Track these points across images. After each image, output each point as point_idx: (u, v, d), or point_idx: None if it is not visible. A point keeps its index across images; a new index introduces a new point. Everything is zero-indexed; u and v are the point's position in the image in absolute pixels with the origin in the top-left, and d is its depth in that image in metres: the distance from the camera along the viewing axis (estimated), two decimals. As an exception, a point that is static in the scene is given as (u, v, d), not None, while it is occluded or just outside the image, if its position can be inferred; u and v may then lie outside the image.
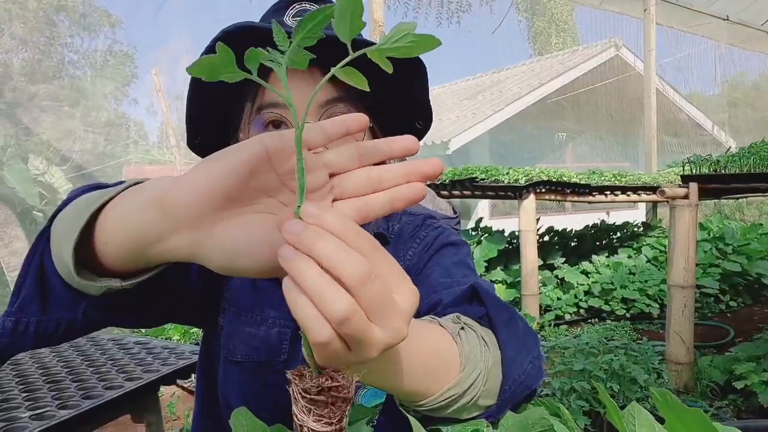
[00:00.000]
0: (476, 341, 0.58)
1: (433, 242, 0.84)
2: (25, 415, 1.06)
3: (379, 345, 0.38)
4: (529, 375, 0.60)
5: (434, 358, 0.52)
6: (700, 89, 12.68)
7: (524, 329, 0.64)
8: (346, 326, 0.36)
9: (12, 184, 8.89)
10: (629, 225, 7.09)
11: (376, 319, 0.37)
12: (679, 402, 0.48)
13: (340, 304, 0.35)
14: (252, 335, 0.82)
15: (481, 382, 0.55)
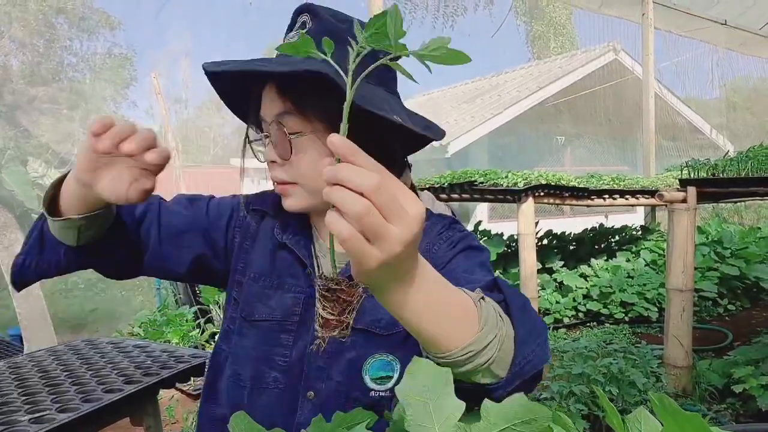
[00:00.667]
0: (494, 312, 0.65)
1: (457, 242, 0.91)
2: (25, 419, 1.06)
3: (396, 238, 0.50)
4: (536, 355, 0.67)
5: (457, 309, 0.61)
6: (698, 93, 12.71)
7: (535, 317, 0.72)
8: (364, 221, 0.48)
9: (11, 186, 8.87)
10: (628, 228, 7.10)
11: (389, 217, 0.49)
12: (677, 406, 0.48)
13: (358, 204, 0.48)
14: (269, 297, 0.93)
15: (496, 346, 0.62)
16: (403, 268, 0.54)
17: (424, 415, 0.53)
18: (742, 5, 7.76)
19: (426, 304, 0.57)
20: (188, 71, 19.69)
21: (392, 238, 0.49)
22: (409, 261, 0.54)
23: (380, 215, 0.49)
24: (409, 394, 0.54)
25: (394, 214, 0.49)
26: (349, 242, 0.49)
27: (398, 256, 0.51)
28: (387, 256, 0.50)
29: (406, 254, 0.52)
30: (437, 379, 0.55)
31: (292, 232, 0.96)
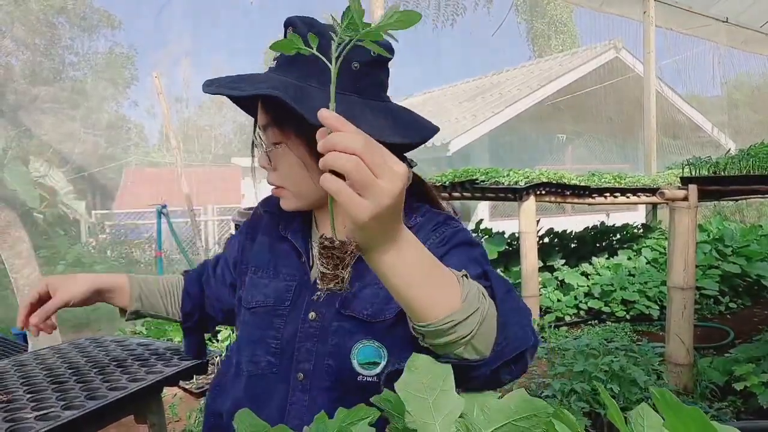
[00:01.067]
0: (476, 289, 0.69)
1: (451, 237, 0.93)
2: (31, 416, 1.07)
3: (383, 190, 0.56)
4: (518, 337, 0.71)
5: (442, 279, 0.66)
6: (699, 91, 12.70)
7: (519, 302, 0.77)
8: (355, 176, 0.55)
9: (12, 186, 8.88)
10: (629, 227, 7.10)
11: (377, 173, 0.56)
12: (678, 401, 0.49)
13: (349, 161, 0.55)
14: (265, 285, 1.01)
15: (477, 319, 0.67)
16: (389, 226, 0.60)
17: (424, 412, 0.54)
18: (744, 3, 7.74)
19: (413, 269, 0.64)
20: (189, 70, 19.70)
21: (380, 189, 0.56)
22: (394, 220, 0.61)
23: (369, 170, 0.56)
24: (409, 390, 0.55)
25: (380, 169, 0.56)
26: (343, 194, 0.56)
27: (387, 208, 0.57)
28: (377, 207, 0.57)
29: (392, 208, 0.58)
30: (437, 376, 0.56)
31: (294, 227, 1.04)
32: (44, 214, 9.41)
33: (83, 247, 8.73)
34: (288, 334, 0.95)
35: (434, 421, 0.53)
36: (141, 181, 12.77)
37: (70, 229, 9.71)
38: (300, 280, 0.99)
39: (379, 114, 0.90)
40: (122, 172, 13.70)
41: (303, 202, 0.97)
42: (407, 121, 0.94)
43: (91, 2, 13.62)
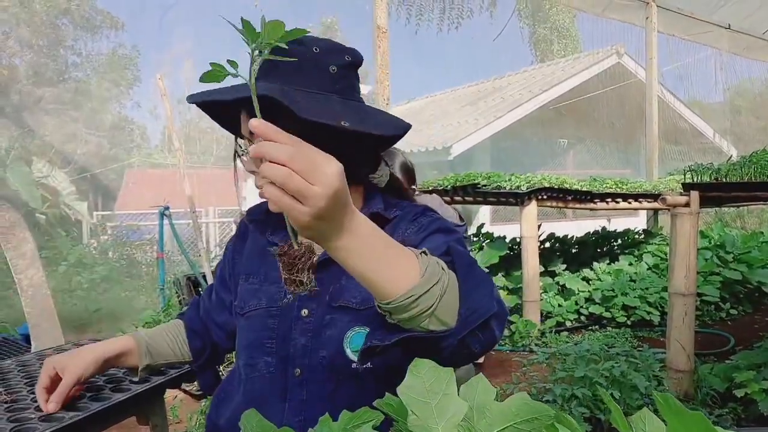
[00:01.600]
0: (435, 263, 0.72)
1: (428, 225, 0.96)
2: (34, 416, 1.08)
3: (318, 194, 0.60)
4: (482, 305, 0.74)
5: (399, 258, 0.70)
6: (702, 97, 12.69)
7: (481, 274, 0.78)
8: (288, 185, 0.59)
9: (15, 186, 8.91)
10: (630, 232, 7.10)
11: (309, 179, 0.59)
12: (681, 406, 0.50)
13: (279, 173, 0.58)
14: (257, 290, 1.03)
15: (438, 291, 0.69)
16: (337, 218, 0.64)
17: (427, 415, 0.54)
18: (746, 9, 7.76)
19: (368, 251, 0.67)
20: (192, 72, 19.74)
21: (314, 195, 0.60)
22: (339, 212, 0.64)
23: (300, 178, 0.59)
24: (412, 394, 0.56)
25: (312, 175, 0.59)
26: (280, 203, 0.60)
27: (325, 209, 0.61)
28: (314, 210, 0.60)
29: (332, 207, 0.61)
30: (440, 379, 0.57)
31: (281, 232, 1.04)
32: (46, 214, 9.43)
33: (85, 248, 8.73)
34: (282, 333, 0.98)
35: (437, 425, 0.54)
36: (143, 182, 12.78)
37: (71, 230, 9.72)
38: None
39: (359, 110, 0.93)
40: (124, 173, 13.72)
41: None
42: (383, 117, 0.97)
43: (95, 3, 13.68)
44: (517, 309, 5.14)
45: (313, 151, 0.61)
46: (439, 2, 9.78)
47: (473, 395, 0.58)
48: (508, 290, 5.51)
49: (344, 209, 0.64)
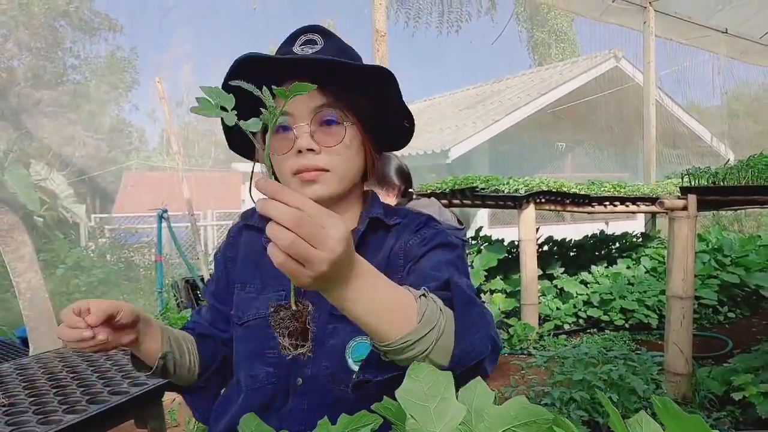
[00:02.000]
0: (435, 307, 0.72)
1: (431, 239, 0.97)
2: (33, 420, 1.08)
3: (320, 260, 0.59)
4: (476, 348, 0.75)
5: (397, 304, 0.70)
6: (699, 101, 12.74)
7: (478, 314, 0.79)
8: (291, 250, 0.58)
9: (13, 189, 8.89)
10: (628, 235, 7.11)
11: (314, 243, 0.59)
12: (679, 409, 0.50)
13: (284, 237, 0.57)
14: (254, 299, 1.01)
15: (434, 336, 0.70)
16: (338, 277, 0.63)
17: (425, 419, 0.55)
18: (743, 14, 7.79)
19: (369, 300, 0.67)
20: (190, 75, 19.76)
21: (318, 260, 0.59)
22: (342, 271, 0.63)
23: (305, 243, 0.58)
24: (410, 398, 0.56)
25: (317, 240, 0.59)
26: (284, 266, 0.59)
27: (328, 273, 0.60)
28: (317, 274, 0.60)
29: (336, 269, 0.61)
30: (438, 383, 0.57)
31: None
32: (44, 217, 9.41)
33: (83, 251, 8.71)
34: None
35: (435, 428, 0.54)
36: (141, 185, 12.78)
37: (69, 233, 9.71)
38: (288, 289, 0.98)
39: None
40: (122, 176, 13.71)
41: (344, 185, 0.97)
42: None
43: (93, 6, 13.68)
44: (515, 312, 5.14)
45: (322, 212, 0.61)
46: (437, 6, 9.80)
47: (471, 399, 0.58)
48: (506, 293, 5.51)
49: (348, 266, 0.64)
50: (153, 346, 0.96)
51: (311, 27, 0.98)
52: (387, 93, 0.96)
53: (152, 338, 0.96)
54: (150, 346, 0.96)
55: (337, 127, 0.93)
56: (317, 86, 0.89)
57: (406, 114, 1.02)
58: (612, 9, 7.39)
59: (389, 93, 0.96)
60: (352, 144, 0.95)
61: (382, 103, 0.99)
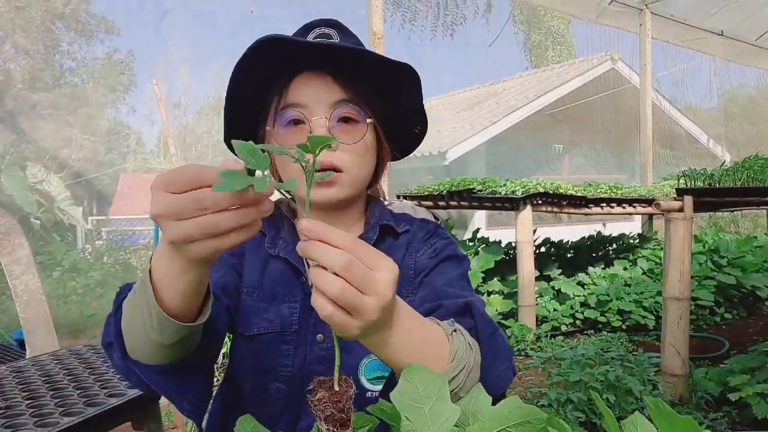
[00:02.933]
0: (464, 344, 0.70)
1: (441, 251, 0.96)
2: (30, 422, 1.08)
3: (371, 308, 0.55)
4: (500, 380, 0.75)
5: (431, 345, 0.67)
6: (696, 103, 12.79)
7: (502, 344, 0.78)
8: (341, 299, 0.53)
9: (9, 191, 8.88)
10: (625, 237, 7.13)
11: (363, 289, 0.54)
12: (672, 410, 0.50)
13: (334, 285, 0.52)
14: (265, 310, 0.93)
15: (464, 376, 0.68)
16: (381, 324, 0.60)
17: (420, 420, 0.55)
18: (739, 16, 7.82)
19: (403, 344, 0.64)
20: (187, 77, 19.75)
21: (368, 308, 0.55)
22: (387, 317, 0.59)
23: (354, 290, 0.53)
24: (405, 399, 0.56)
25: (367, 285, 0.54)
26: (332, 319, 0.54)
27: (377, 321, 0.56)
28: (365, 324, 0.56)
29: (384, 317, 0.57)
30: (433, 385, 0.57)
31: (283, 245, 0.96)
32: (41, 219, 9.40)
33: (80, 254, 8.69)
34: (298, 360, 0.92)
35: (430, 429, 0.54)
36: (138, 187, 12.75)
37: (66, 235, 9.70)
38: (302, 301, 0.94)
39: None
40: (119, 178, 13.69)
41: (355, 188, 0.92)
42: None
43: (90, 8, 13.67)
44: (512, 314, 5.15)
45: (372, 253, 0.56)
46: (433, 8, 9.82)
47: (469, 400, 0.58)
48: (503, 295, 5.51)
49: (391, 311, 0.60)
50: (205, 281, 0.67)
51: (326, 20, 0.94)
52: (405, 94, 0.93)
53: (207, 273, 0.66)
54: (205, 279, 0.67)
55: (356, 125, 0.89)
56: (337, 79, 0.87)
57: (420, 119, 0.98)
58: (608, 11, 7.41)
59: (409, 94, 0.93)
60: (369, 144, 0.92)
61: (397, 104, 0.95)
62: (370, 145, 0.92)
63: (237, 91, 0.91)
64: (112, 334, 0.73)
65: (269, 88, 0.92)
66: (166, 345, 0.67)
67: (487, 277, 5.69)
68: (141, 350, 0.70)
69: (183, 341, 0.68)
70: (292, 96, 0.88)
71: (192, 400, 0.78)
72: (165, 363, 0.72)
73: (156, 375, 0.72)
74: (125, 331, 0.71)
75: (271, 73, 0.90)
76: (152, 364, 0.71)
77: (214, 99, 21.30)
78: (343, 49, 0.86)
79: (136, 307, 0.66)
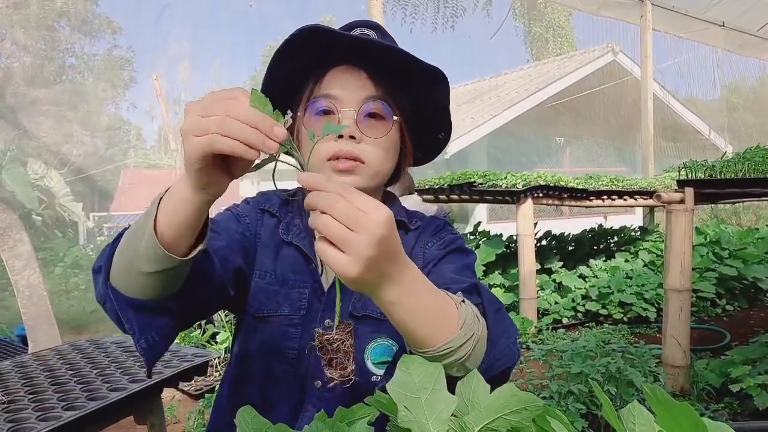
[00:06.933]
0: (472, 315, 0.73)
1: (449, 243, 1.00)
2: (32, 416, 1.08)
3: (360, 244, 0.57)
4: (505, 355, 0.77)
5: (441, 310, 0.69)
6: (697, 94, 12.74)
7: (508, 321, 0.81)
8: (329, 233, 0.57)
9: (11, 187, 8.89)
10: (626, 229, 7.12)
11: (352, 226, 0.57)
12: (669, 397, 0.51)
13: (322, 222, 0.57)
14: (275, 293, 0.96)
15: (471, 345, 0.70)
16: (385, 269, 0.61)
17: (417, 410, 0.55)
18: (739, 8, 7.78)
19: (415, 305, 0.65)
20: (188, 72, 19.71)
21: (357, 244, 0.57)
22: (387, 262, 0.61)
23: (339, 225, 0.57)
24: (402, 391, 0.57)
25: (354, 222, 0.57)
26: (322, 254, 0.58)
27: (370, 259, 0.58)
28: (357, 260, 0.57)
29: (379, 256, 0.59)
30: (429, 375, 0.58)
31: (296, 232, 1.00)
32: (42, 216, 9.42)
33: (81, 249, 8.71)
34: (305, 343, 0.95)
35: (427, 420, 0.54)
36: (139, 183, 12.77)
37: (68, 231, 9.72)
38: (311, 287, 0.97)
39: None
40: (120, 174, 13.70)
41: (375, 181, 0.96)
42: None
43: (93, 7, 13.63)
44: (513, 306, 5.16)
45: (362, 197, 0.59)
46: (433, 1, 9.79)
47: (468, 391, 0.59)
48: (504, 288, 5.52)
49: (394, 260, 0.62)
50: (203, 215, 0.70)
51: (367, 22, 0.99)
52: (434, 97, 0.97)
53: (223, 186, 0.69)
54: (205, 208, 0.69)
55: (383, 121, 0.93)
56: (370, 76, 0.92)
57: (445, 125, 1.03)
58: (609, 3, 7.38)
59: (437, 97, 0.97)
60: (393, 141, 0.95)
61: (424, 106, 0.99)
62: (395, 142, 0.96)
63: (276, 73, 0.95)
64: (103, 260, 0.75)
65: (305, 77, 0.96)
66: (147, 274, 0.69)
67: (488, 270, 5.70)
68: (123, 277, 0.72)
69: (165, 276, 0.70)
70: (326, 87, 0.93)
71: (150, 339, 0.76)
72: (140, 297, 0.73)
73: (127, 306, 0.73)
74: (116, 256, 0.73)
75: (309, 63, 0.94)
76: (128, 295, 0.73)
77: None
78: (380, 47, 0.89)
79: (132, 234, 0.70)
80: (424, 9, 9.85)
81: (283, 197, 1.06)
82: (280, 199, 1.05)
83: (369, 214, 0.58)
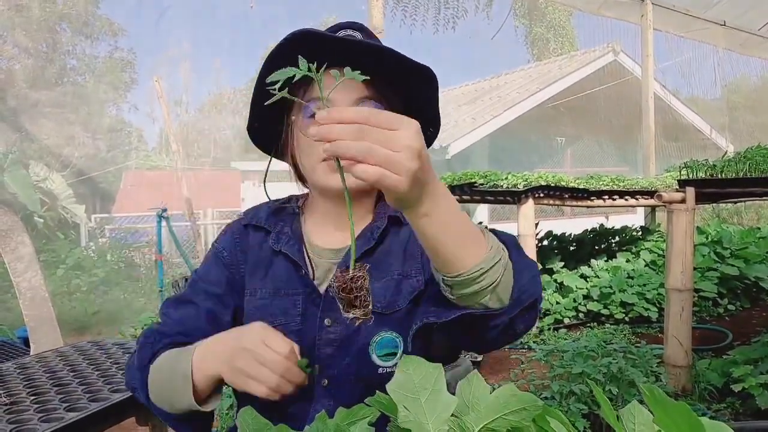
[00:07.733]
0: (497, 242, 0.74)
1: None
2: (34, 418, 1.09)
3: (404, 160, 0.59)
4: (531, 286, 0.77)
5: (471, 230, 0.71)
6: (698, 93, 12.73)
7: (528, 259, 0.82)
8: (370, 159, 0.58)
9: (13, 189, 8.91)
10: (628, 229, 7.12)
11: (392, 147, 0.59)
12: (666, 397, 0.51)
13: (357, 147, 0.58)
14: (269, 305, 0.98)
15: (501, 269, 0.71)
16: (423, 177, 0.63)
17: (417, 411, 0.56)
18: (741, 6, 7.77)
19: (447, 220, 0.68)
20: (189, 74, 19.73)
21: (401, 160, 0.59)
22: (427, 174, 0.63)
23: (382, 149, 0.58)
24: (402, 391, 0.57)
25: (392, 143, 0.59)
26: (369, 176, 0.59)
27: (415, 171, 0.60)
28: (406, 175, 0.59)
29: (420, 166, 0.60)
30: (429, 376, 0.58)
31: (285, 240, 1.01)
32: (44, 217, 9.43)
33: (83, 251, 8.73)
34: (307, 346, 0.94)
35: (427, 420, 0.55)
36: (140, 184, 12.79)
37: (69, 233, 9.73)
38: (304, 293, 0.98)
39: None
40: (121, 176, 13.72)
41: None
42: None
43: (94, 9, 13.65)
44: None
45: (385, 116, 0.61)
46: (434, 2, 9.79)
47: (468, 391, 0.59)
48: (506, 288, 5.51)
49: (428, 168, 0.64)
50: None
51: (352, 23, 0.99)
52: (423, 94, 0.98)
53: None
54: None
55: None
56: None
57: (434, 121, 1.04)
58: (610, 2, 7.38)
59: (426, 94, 0.98)
60: None
61: (414, 104, 0.99)
62: None
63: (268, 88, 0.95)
64: (137, 384, 0.92)
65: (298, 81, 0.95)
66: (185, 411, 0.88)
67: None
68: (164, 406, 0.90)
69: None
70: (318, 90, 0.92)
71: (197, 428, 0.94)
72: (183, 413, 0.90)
73: (174, 420, 0.92)
74: (155, 390, 0.91)
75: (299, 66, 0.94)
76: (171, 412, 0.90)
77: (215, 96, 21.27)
78: (369, 47, 0.91)
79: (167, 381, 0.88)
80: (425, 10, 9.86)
81: (273, 207, 1.07)
82: (269, 209, 1.06)
83: (400, 130, 0.60)
